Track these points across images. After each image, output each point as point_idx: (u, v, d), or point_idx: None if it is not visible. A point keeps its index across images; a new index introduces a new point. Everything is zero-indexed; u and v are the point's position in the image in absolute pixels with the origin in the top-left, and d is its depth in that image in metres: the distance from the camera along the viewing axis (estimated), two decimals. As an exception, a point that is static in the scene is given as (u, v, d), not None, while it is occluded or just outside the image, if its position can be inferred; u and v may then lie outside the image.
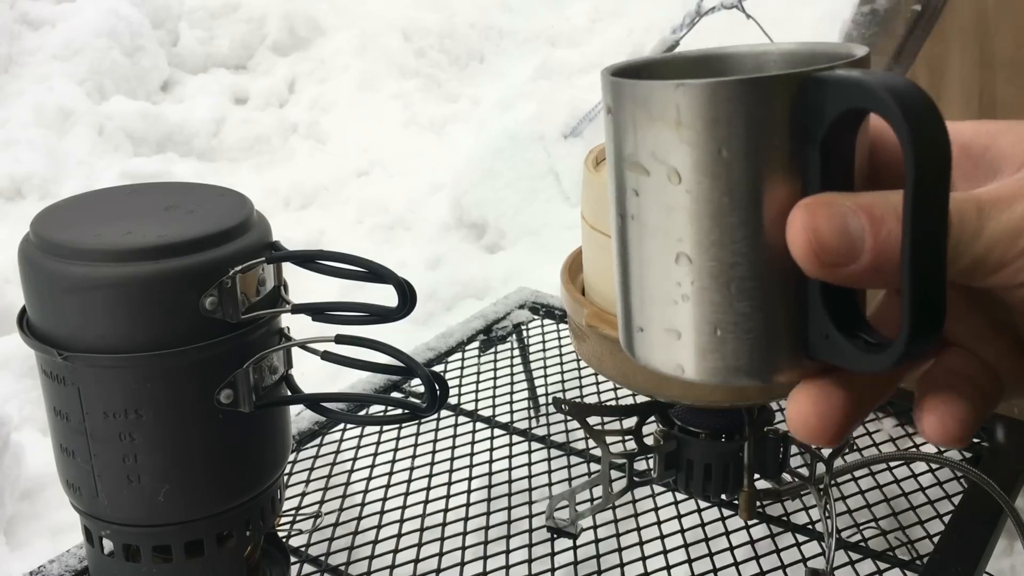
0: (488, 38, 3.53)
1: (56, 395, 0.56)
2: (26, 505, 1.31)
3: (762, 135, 0.28)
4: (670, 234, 0.30)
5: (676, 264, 0.30)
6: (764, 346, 0.30)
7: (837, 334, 0.29)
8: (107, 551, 0.59)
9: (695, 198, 0.29)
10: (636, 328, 0.33)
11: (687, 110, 0.28)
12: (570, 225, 2.10)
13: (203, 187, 0.63)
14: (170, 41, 3.22)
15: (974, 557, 0.71)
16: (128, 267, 0.52)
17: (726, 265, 0.29)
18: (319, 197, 2.50)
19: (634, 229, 0.31)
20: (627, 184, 0.31)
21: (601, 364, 0.66)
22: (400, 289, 0.56)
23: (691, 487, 0.71)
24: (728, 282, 0.30)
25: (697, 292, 0.30)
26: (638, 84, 0.30)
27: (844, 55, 0.31)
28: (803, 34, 2.57)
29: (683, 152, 0.29)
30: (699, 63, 0.36)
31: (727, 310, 0.30)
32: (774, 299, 0.30)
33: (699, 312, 0.30)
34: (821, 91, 0.28)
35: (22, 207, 2.33)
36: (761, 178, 0.29)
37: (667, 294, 0.31)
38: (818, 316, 0.30)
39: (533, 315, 1.13)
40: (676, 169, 0.29)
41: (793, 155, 0.28)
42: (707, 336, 0.30)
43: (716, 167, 0.29)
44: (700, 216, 0.29)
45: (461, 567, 0.73)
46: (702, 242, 0.29)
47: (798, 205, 0.28)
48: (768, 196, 0.29)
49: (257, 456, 0.60)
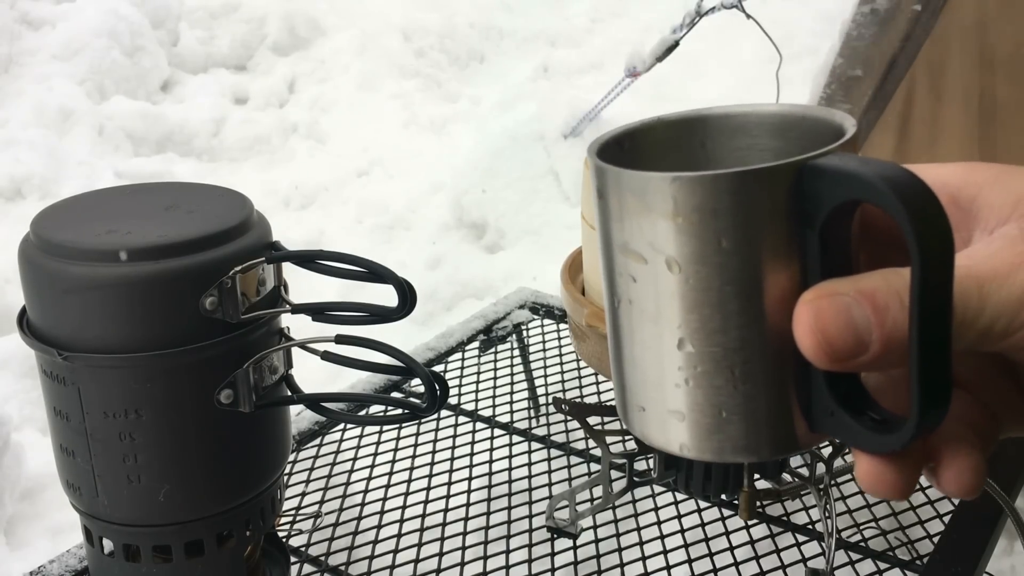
0: (488, 38, 3.53)
1: (56, 395, 0.56)
2: (26, 505, 1.31)
3: (761, 224, 0.28)
4: (671, 321, 0.30)
5: (678, 350, 0.30)
6: (769, 425, 0.30)
7: (843, 413, 0.29)
8: (107, 551, 0.59)
9: (695, 287, 0.29)
10: (636, 407, 0.33)
11: (684, 202, 0.28)
12: (570, 225, 2.10)
13: (203, 187, 0.63)
14: (170, 41, 3.23)
15: (974, 557, 0.71)
16: (128, 267, 0.52)
17: (729, 351, 0.30)
18: (319, 197, 2.50)
19: (632, 313, 0.31)
20: (623, 270, 0.31)
21: (601, 364, 0.66)
22: (400, 289, 0.56)
23: (691, 487, 0.71)
24: (731, 367, 0.30)
25: (700, 376, 0.30)
26: (631, 175, 0.29)
27: (834, 127, 0.31)
28: (803, 35, 2.57)
29: (681, 242, 0.29)
30: (680, 128, 0.35)
31: (731, 393, 0.30)
32: (778, 381, 0.30)
33: (703, 395, 0.30)
34: (819, 181, 0.28)
35: (22, 207, 2.33)
36: (762, 266, 0.29)
37: (669, 378, 0.31)
38: (822, 395, 0.30)
39: (533, 315, 1.13)
40: (675, 259, 0.29)
41: (793, 242, 0.28)
42: (712, 418, 0.31)
43: (716, 257, 0.29)
44: (701, 304, 0.29)
45: (461, 567, 0.73)
46: (704, 329, 0.30)
47: (802, 301, 0.28)
48: (769, 283, 0.29)
49: (257, 456, 0.60)
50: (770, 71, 1.89)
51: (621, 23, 3.43)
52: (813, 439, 0.31)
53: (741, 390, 0.30)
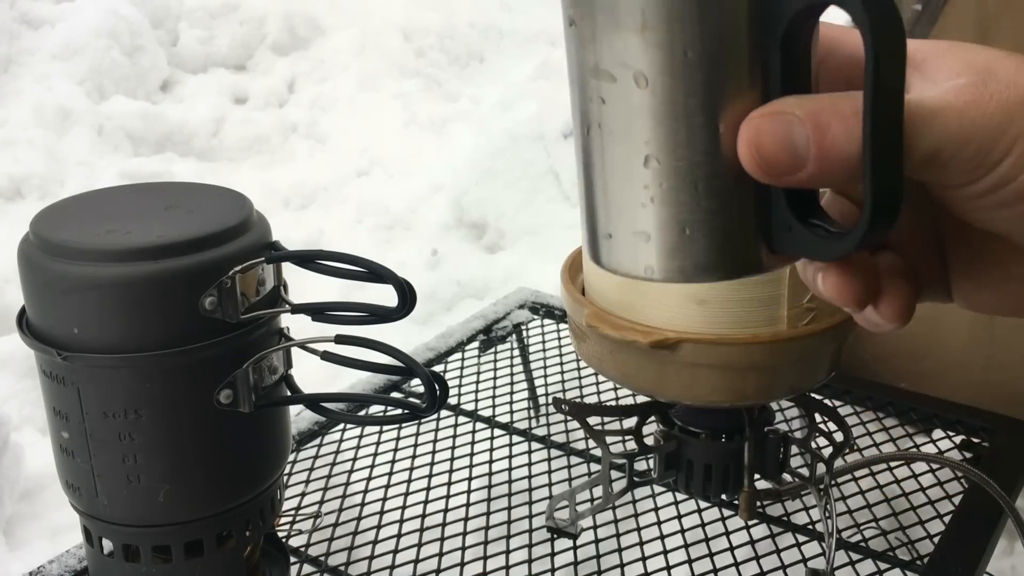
0: (488, 38, 3.53)
1: (56, 395, 0.56)
2: (26, 505, 1.31)
3: (725, 33, 0.29)
4: (637, 138, 0.31)
5: (644, 167, 0.31)
6: (731, 242, 0.31)
7: (799, 226, 0.30)
8: (107, 551, 0.59)
9: (661, 100, 0.30)
10: (603, 235, 0.33)
11: (652, 13, 0.29)
12: (570, 225, 2.10)
13: (203, 187, 0.63)
14: (170, 41, 3.22)
15: (974, 557, 0.71)
16: (128, 267, 0.52)
17: (693, 164, 0.30)
18: (319, 197, 2.50)
19: (600, 137, 0.32)
20: (592, 93, 0.31)
21: (601, 364, 0.66)
22: (400, 289, 0.56)
23: (691, 487, 0.71)
24: (695, 181, 0.30)
25: (665, 193, 0.31)
26: None
27: None
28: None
29: (649, 55, 0.29)
30: None
31: (695, 209, 0.31)
32: (740, 195, 0.31)
33: (668, 212, 0.31)
34: None
35: (22, 207, 2.33)
36: (724, 77, 0.29)
37: (635, 198, 0.31)
38: (780, 210, 0.31)
39: (533, 315, 1.13)
40: (643, 73, 0.30)
41: (754, 53, 0.29)
42: (676, 235, 0.31)
43: (682, 68, 0.29)
44: (667, 117, 0.30)
45: (461, 567, 0.73)
46: (669, 143, 0.30)
47: (748, 118, 0.29)
48: (732, 96, 0.30)
49: (257, 456, 0.60)
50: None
51: (621, 23, 3.43)
52: (774, 261, 0.32)
53: (704, 206, 0.31)
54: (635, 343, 0.62)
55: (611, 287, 0.65)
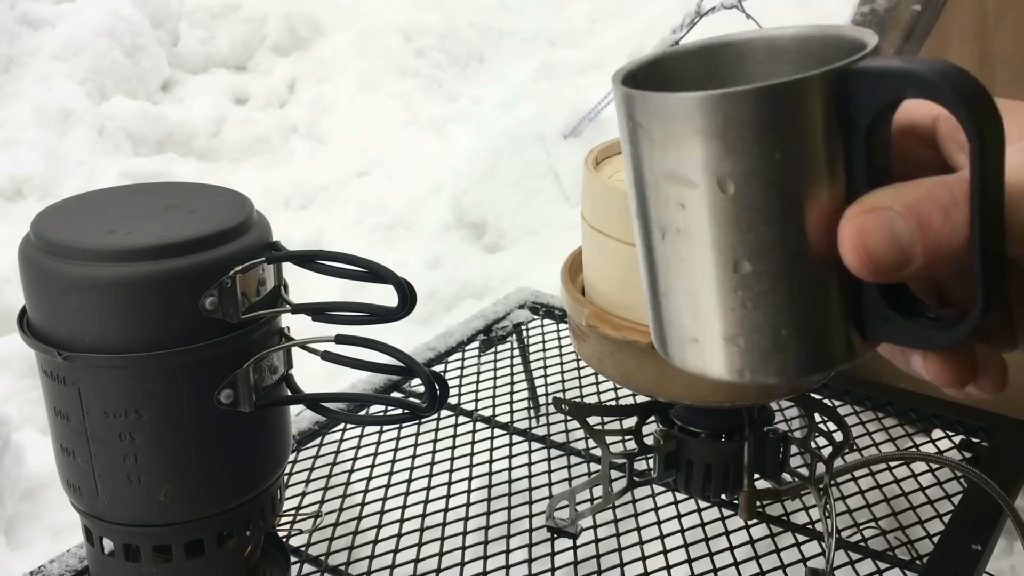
0: (488, 38, 3.53)
1: (56, 395, 0.56)
2: (26, 505, 1.31)
3: (812, 133, 0.28)
4: (725, 243, 0.30)
5: (734, 272, 0.30)
6: (827, 338, 0.31)
7: (898, 317, 0.30)
8: (107, 551, 0.59)
9: (750, 204, 0.29)
10: (687, 340, 0.32)
11: (738, 118, 0.28)
12: (570, 225, 2.10)
13: (203, 187, 0.63)
14: (170, 41, 3.22)
15: (974, 557, 0.71)
16: (128, 267, 0.52)
17: (786, 266, 0.30)
18: (319, 197, 2.50)
19: (680, 243, 0.31)
20: (668, 199, 0.30)
21: (601, 364, 0.66)
22: (400, 289, 0.56)
23: (691, 487, 0.71)
24: (790, 283, 0.30)
25: (759, 297, 0.30)
26: (676, 98, 0.29)
27: (857, 40, 0.31)
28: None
29: (734, 160, 0.29)
30: (708, 56, 0.35)
31: (791, 310, 0.30)
32: (833, 293, 0.30)
33: (763, 316, 0.30)
34: (869, 82, 0.28)
35: (22, 207, 2.33)
36: (815, 175, 0.29)
37: (725, 303, 0.31)
38: (875, 303, 0.30)
39: (533, 315, 1.13)
40: (728, 178, 0.29)
41: (842, 148, 0.29)
42: (772, 338, 0.31)
43: (770, 172, 0.29)
44: (757, 222, 0.29)
45: (461, 567, 0.73)
46: (760, 247, 0.29)
47: (845, 218, 0.29)
48: (821, 193, 0.29)
49: (257, 456, 0.60)
50: (770, 71, 1.88)
51: (621, 23, 3.43)
52: (867, 347, 0.31)
53: (800, 306, 0.30)
54: (635, 343, 0.62)
55: (611, 287, 0.65)
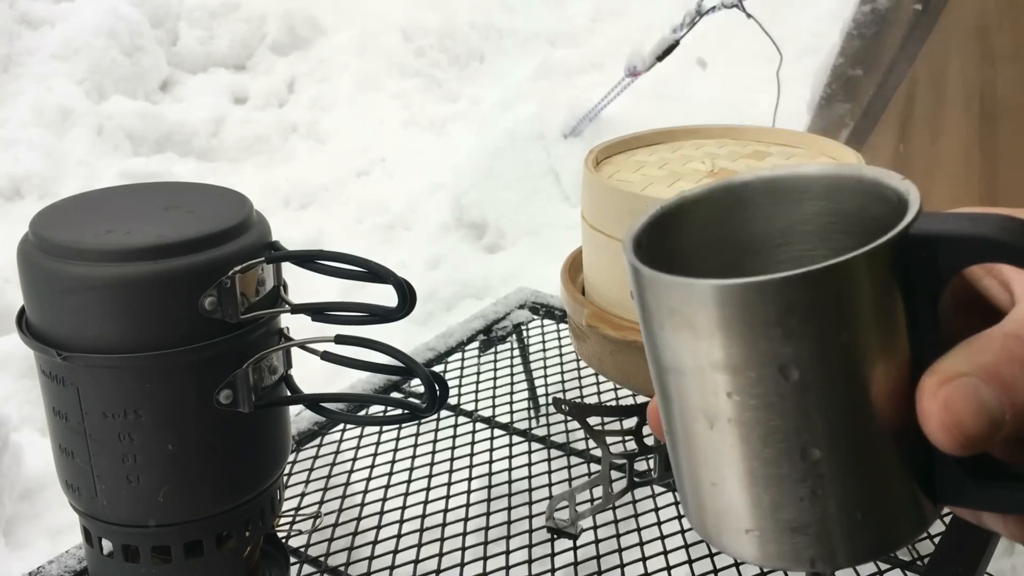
0: (488, 38, 3.53)
1: (55, 395, 0.56)
2: (25, 505, 1.31)
3: (880, 307, 0.27)
4: (791, 431, 0.28)
5: (802, 461, 0.28)
6: (903, 515, 0.29)
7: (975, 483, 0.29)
8: (106, 552, 0.59)
9: (816, 389, 0.27)
10: (743, 531, 0.30)
11: (800, 302, 0.26)
12: (570, 225, 2.10)
13: (203, 187, 0.63)
14: (169, 41, 3.22)
15: (974, 557, 0.71)
16: (128, 267, 0.52)
17: (858, 449, 0.28)
18: (319, 197, 2.50)
19: (734, 432, 0.29)
20: (718, 388, 0.28)
21: (601, 364, 0.66)
22: (400, 289, 0.56)
23: (691, 487, 0.71)
24: (863, 466, 0.28)
25: (829, 484, 0.28)
26: (727, 286, 0.27)
27: (891, 187, 0.29)
28: (803, 35, 2.57)
29: (797, 345, 0.27)
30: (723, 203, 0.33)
31: (864, 493, 0.28)
32: (905, 468, 0.29)
33: (835, 503, 0.29)
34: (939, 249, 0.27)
35: (22, 207, 2.33)
36: (884, 351, 0.27)
37: (792, 493, 0.29)
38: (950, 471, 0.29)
39: (533, 315, 1.13)
40: (791, 365, 0.27)
41: (909, 318, 0.27)
42: (846, 524, 0.29)
43: (837, 354, 0.27)
44: (825, 407, 0.27)
45: (461, 567, 0.73)
46: (830, 432, 0.28)
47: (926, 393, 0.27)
48: (891, 367, 0.27)
49: (257, 456, 0.60)
50: (770, 71, 1.89)
51: (621, 23, 3.43)
52: (937, 513, 0.30)
53: (874, 488, 0.28)
54: (635, 343, 0.61)
55: (611, 287, 0.65)
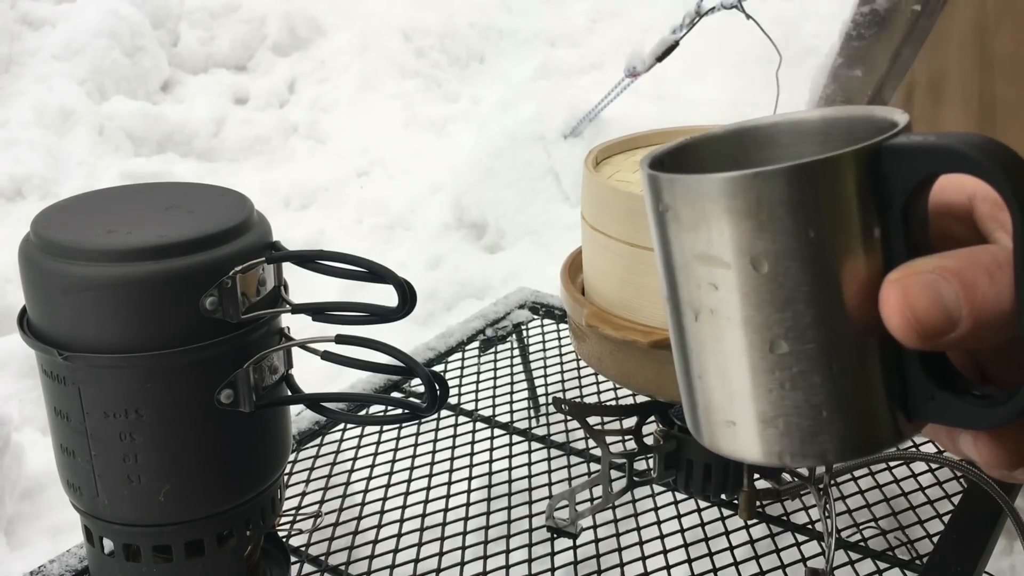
0: (488, 38, 3.53)
1: (56, 395, 0.56)
2: (26, 505, 1.31)
3: (847, 210, 0.28)
4: (761, 323, 0.29)
5: (771, 352, 0.29)
6: (870, 418, 0.30)
7: (944, 395, 0.29)
8: (107, 551, 0.59)
9: (785, 284, 0.29)
10: (723, 423, 0.31)
11: (770, 198, 0.28)
12: (570, 225, 2.10)
13: (203, 187, 0.63)
14: (170, 41, 3.23)
15: (974, 557, 0.71)
16: (129, 267, 0.52)
17: (824, 345, 0.29)
18: (319, 197, 2.50)
19: (714, 324, 0.30)
20: (700, 279, 0.30)
21: (601, 364, 0.66)
22: (400, 289, 0.56)
23: (691, 487, 0.71)
24: (828, 362, 0.29)
25: (797, 378, 0.29)
26: (707, 179, 0.29)
27: (887, 119, 0.30)
28: (803, 35, 2.57)
29: (768, 239, 0.28)
30: (734, 140, 0.34)
31: (830, 390, 0.29)
32: (874, 371, 0.29)
33: (802, 397, 0.30)
34: (904, 159, 0.28)
35: (22, 207, 2.33)
36: (851, 252, 0.28)
37: (762, 384, 0.30)
38: (919, 381, 0.29)
39: (533, 315, 1.13)
40: (762, 257, 0.29)
41: (878, 225, 0.28)
42: (812, 420, 0.30)
43: (805, 249, 0.28)
44: (793, 301, 0.29)
45: (461, 567, 0.73)
46: (797, 326, 0.29)
47: (888, 281, 0.28)
48: (857, 269, 0.28)
49: (257, 456, 0.60)
50: (770, 71, 1.88)
51: (621, 23, 3.43)
52: (911, 429, 0.31)
53: (840, 385, 0.29)
54: (635, 343, 0.62)
55: (611, 287, 0.65)
